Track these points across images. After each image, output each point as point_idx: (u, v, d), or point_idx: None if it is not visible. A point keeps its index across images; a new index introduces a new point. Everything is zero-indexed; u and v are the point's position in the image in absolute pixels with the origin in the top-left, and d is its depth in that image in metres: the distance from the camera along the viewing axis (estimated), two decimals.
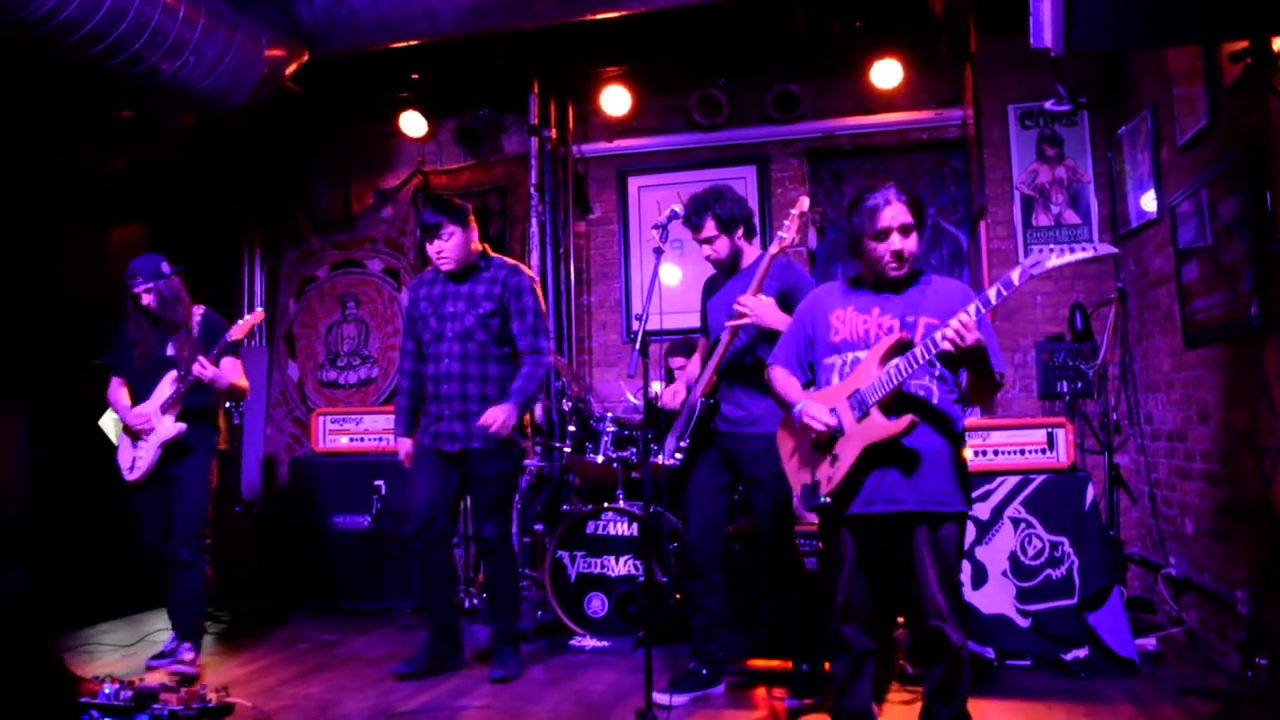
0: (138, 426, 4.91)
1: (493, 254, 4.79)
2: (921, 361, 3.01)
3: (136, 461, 4.95)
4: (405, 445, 4.78)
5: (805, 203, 3.98)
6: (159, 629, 5.70)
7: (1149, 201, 5.33)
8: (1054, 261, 2.86)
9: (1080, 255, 2.88)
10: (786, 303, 4.09)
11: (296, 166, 7.83)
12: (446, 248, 4.57)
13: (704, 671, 4.28)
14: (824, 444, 3.21)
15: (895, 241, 3.18)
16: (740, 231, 4.26)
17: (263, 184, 7.71)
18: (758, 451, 4.10)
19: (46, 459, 7.15)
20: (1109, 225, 6.02)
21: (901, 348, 3.05)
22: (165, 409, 4.91)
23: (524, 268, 4.76)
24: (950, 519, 3.12)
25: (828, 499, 3.18)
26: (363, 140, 7.77)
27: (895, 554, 3.16)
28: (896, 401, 3.08)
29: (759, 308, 3.93)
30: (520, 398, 4.53)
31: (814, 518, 5.77)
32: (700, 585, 4.32)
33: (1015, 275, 2.89)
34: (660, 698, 4.08)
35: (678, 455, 4.23)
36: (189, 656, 4.87)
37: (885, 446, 3.08)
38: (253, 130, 7.01)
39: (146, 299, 4.93)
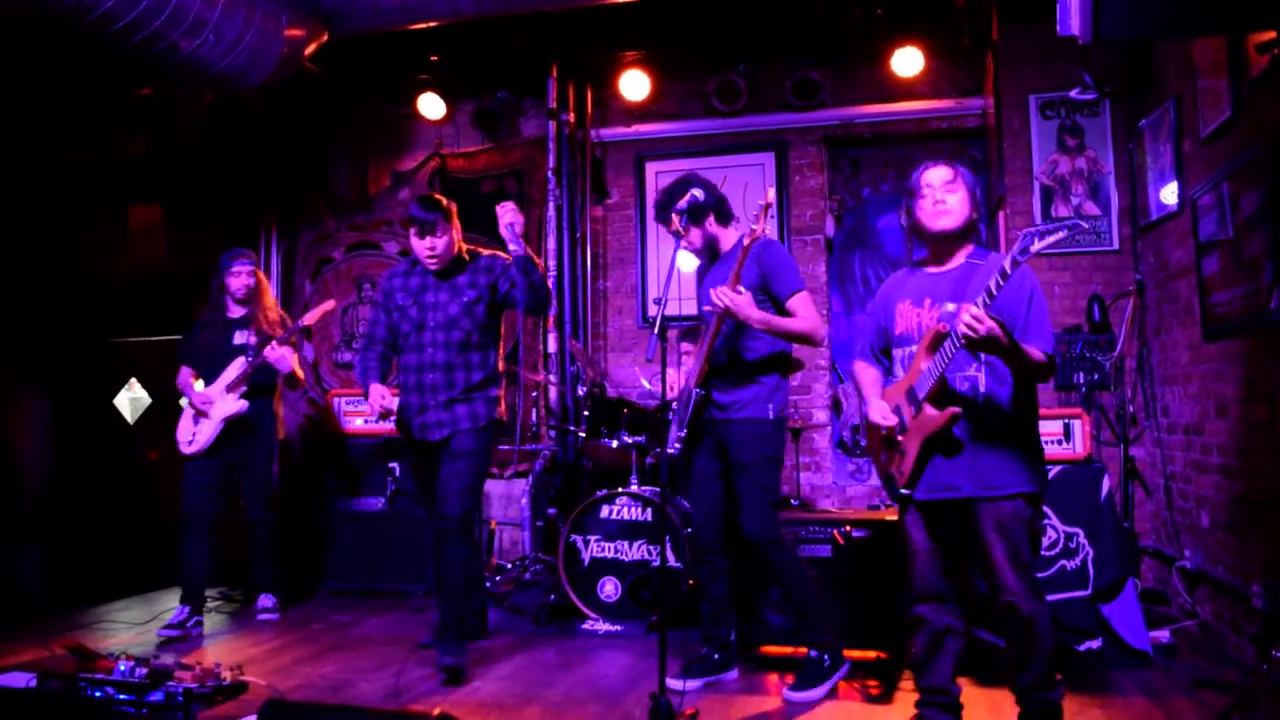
0: (200, 405, 5.39)
1: (480, 250, 4.77)
2: (951, 355, 3.07)
3: (196, 436, 5.41)
4: (378, 389, 4.55)
5: (771, 194, 4.03)
6: (171, 607, 5.74)
7: (1169, 194, 5.30)
8: (1038, 246, 2.83)
9: (1059, 235, 2.84)
10: (769, 286, 4.10)
11: (314, 148, 7.83)
12: (440, 244, 4.54)
13: (715, 656, 4.30)
14: (892, 440, 3.34)
15: (936, 193, 3.32)
16: (710, 219, 4.25)
17: (280, 165, 7.71)
18: (742, 437, 4.12)
19: (64, 439, 7.20)
20: (1129, 217, 5.99)
21: (939, 340, 3.12)
22: (230, 389, 5.38)
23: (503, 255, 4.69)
24: (1011, 499, 3.18)
25: (905, 490, 3.31)
26: (381, 122, 7.76)
27: (964, 536, 3.28)
28: (944, 393, 3.18)
29: (734, 302, 3.93)
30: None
31: (827, 505, 5.78)
32: (706, 571, 4.34)
33: (1006, 264, 2.89)
34: (673, 683, 4.09)
35: (678, 444, 4.24)
36: (270, 603, 5.55)
37: (940, 436, 3.20)
38: (271, 111, 7.02)
39: (244, 280, 5.50)
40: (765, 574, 4.30)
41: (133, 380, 8.05)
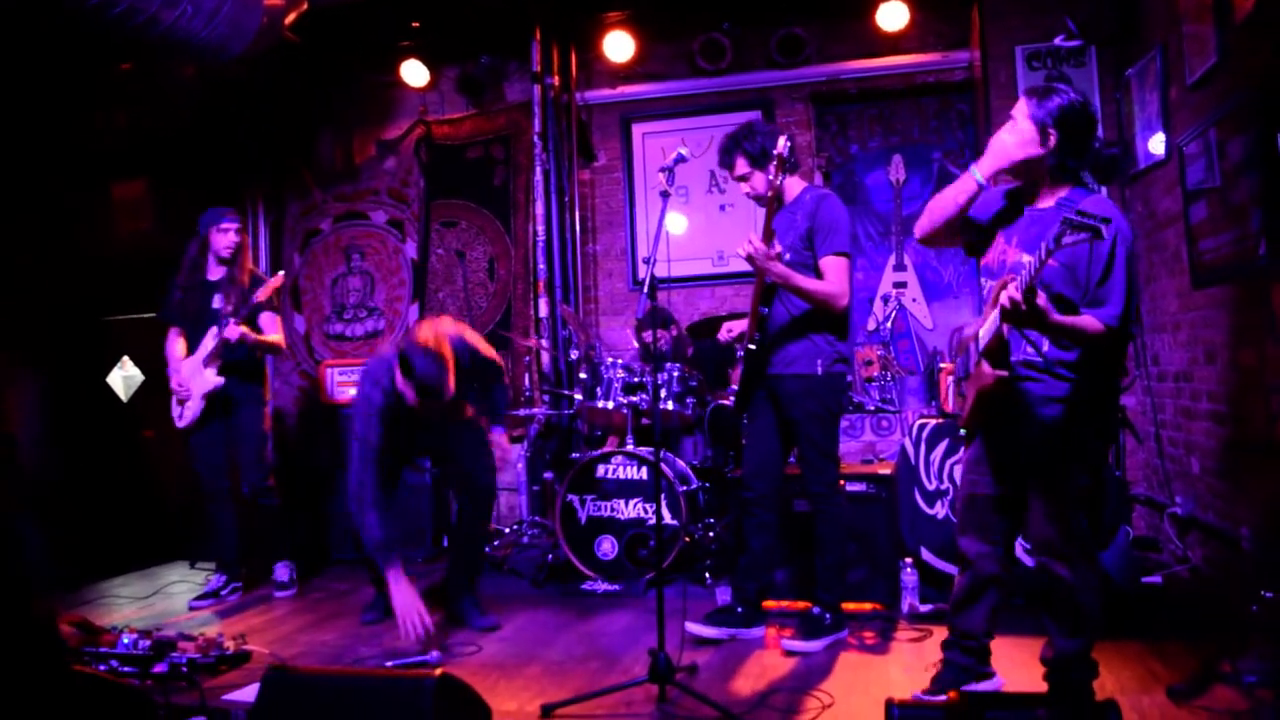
0: (177, 394, 5.44)
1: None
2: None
3: (184, 413, 5.45)
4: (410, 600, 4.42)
5: (784, 143, 3.94)
6: (174, 580, 5.79)
7: (1157, 143, 5.30)
8: (1069, 239, 2.58)
9: (1083, 235, 2.56)
10: (813, 239, 4.09)
11: (298, 119, 7.78)
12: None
13: (740, 610, 4.34)
14: (959, 379, 3.37)
15: (1011, 121, 3.15)
16: (774, 165, 4.07)
17: (264, 137, 7.66)
18: (793, 392, 4.14)
19: (57, 418, 7.19)
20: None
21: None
22: (207, 362, 5.36)
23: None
24: (1061, 461, 3.09)
25: (963, 431, 3.34)
26: (364, 91, 7.71)
27: (1017, 491, 3.24)
28: (1003, 350, 3.02)
29: (756, 251, 3.93)
30: None
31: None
32: (752, 524, 4.36)
33: (1042, 252, 2.66)
34: (693, 627, 4.16)
35: (729, 396, 4.29)
36: (286, 576, 5.56)
37: (992, 395, 3.07)
38: (254, 83, 6.96)
39: (231, 238, 5.46)
40: (812, 524, 4.30)
41: (125, 358, 8.03)
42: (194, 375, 5.38)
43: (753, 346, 4.17)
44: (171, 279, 5.58)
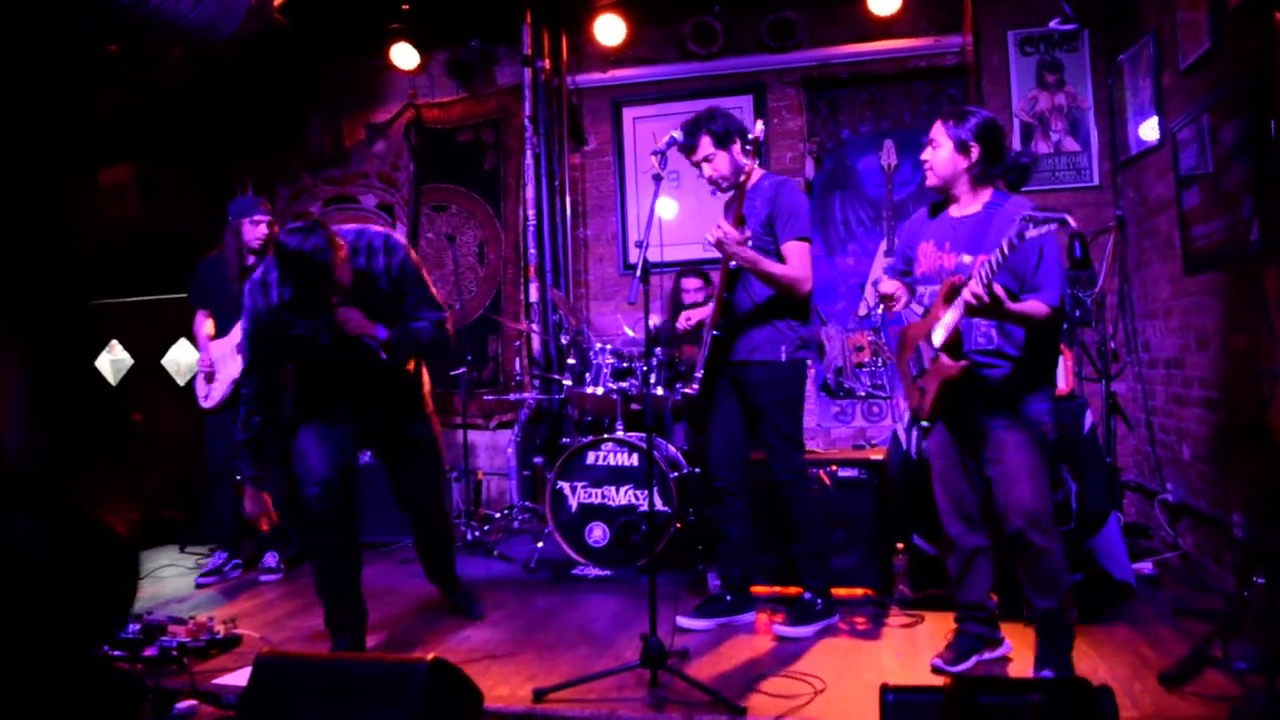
0: (203, 370, 5.47)
1: None
2: (961, 312, 3.25)
3: (210, 394, 5.50)
4: None
5: (760, 127, 3.95)
6: (164, 564, 5.78)
7: (1149, 129, 5.29)
8: (1032, 233, 2.93)
9: (1050, 227, 2.93)
10: (773, 225, 4.08)
11: (287, 102, 7.71)
12: None
13: (729, 598, 4.33)
14: (914, 376, 3.61)
15: (924, 153, 3.60)
16: (738, 145, 4.15)
17: (253, 121, 7.60)
18: (758, 380, 4.12)
19: (44, 404, 7.15)
20: (1109, 153, 5.99)
21: (955, 291, 3.27)
22: (240, 349, 5.18)
23: None
24: (1027, 427, 3.41)
25: (925, 423, 3.59)
26: (353, 74, 7.66)
27: (982, 461, 3.52)
28: (958, 343, 3.39)
29: (724, 236, 3.90)
30: None
31: (812, 447, 5.80)
32: (724, 512, 4.36)
33: (1004, 246, 3.02)
34: (684, 621, 4.15)
35: (695, 385, 4.27)
36: (274, 562, 5.54)
37: (956, 382, 3.40)
38: (242, 66, 6.90)
39: (262, 231, 5.39)
40: (781, 512, 4.29)
41: (113, 342, 7.99)
42: (225, 360, 5.44)
43: (716, 333, 4.15)
44: (201, 263, 5.60)
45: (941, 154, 3.54)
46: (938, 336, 3.38)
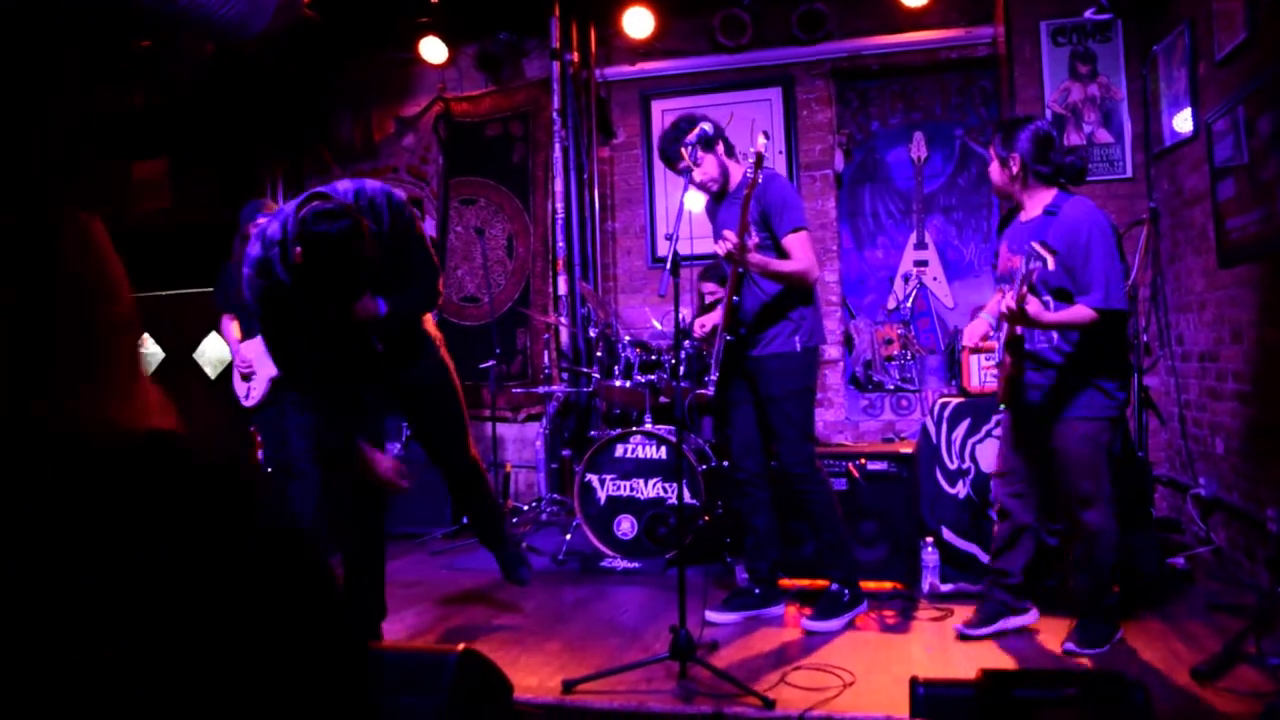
0: (242, 369, 5.59)
1: None
2: (1003, 320, 3.70)
3: (250, 392, 5.63)
4: None
5: (762, 142, 3.84)
6: None
7: (1183, 121, 5.23)
8: (1036, 264, 3.36)
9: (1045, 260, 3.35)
10: (769, 222, 4.07)
11: (317, 97, 7.77)
12: None
13: (757, 591, 4.33)
14: (996, 364, 3.99)
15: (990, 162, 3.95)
16: (721, 147, 4.19)
17: (284, 115, 7.66)
18: (771, 371, 4.14)
19: None
20: (1142, 144, 5.92)
21: None
22: None
23: None
24: (1081, 421, 3.67)
25: (1002, 406, 3.93)
26: (383, 68, 7.69)
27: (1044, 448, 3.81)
28: (1017, 341, 3.73)
29: (733, 248, 3.88)
30: None
31: (841, 440, 5.80)
32: (747, 504, 4.37)
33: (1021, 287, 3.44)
34: (712, 615, 4.16)
35: (712, 386, 4.27)
36: None
37: (1012, 376, 3.77)
38: (273, 60, 6.95)
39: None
40: (797, 505, 4.32)
41: (145, 335, 8.06)
42: (261, 359, 5.52)
43: (730, 338, 4.15)
44: (222, 269, 5.71)
45: (992, 169, 3.89)
46: (1002, 335, 3.79)
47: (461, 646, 2.72)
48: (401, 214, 3.68)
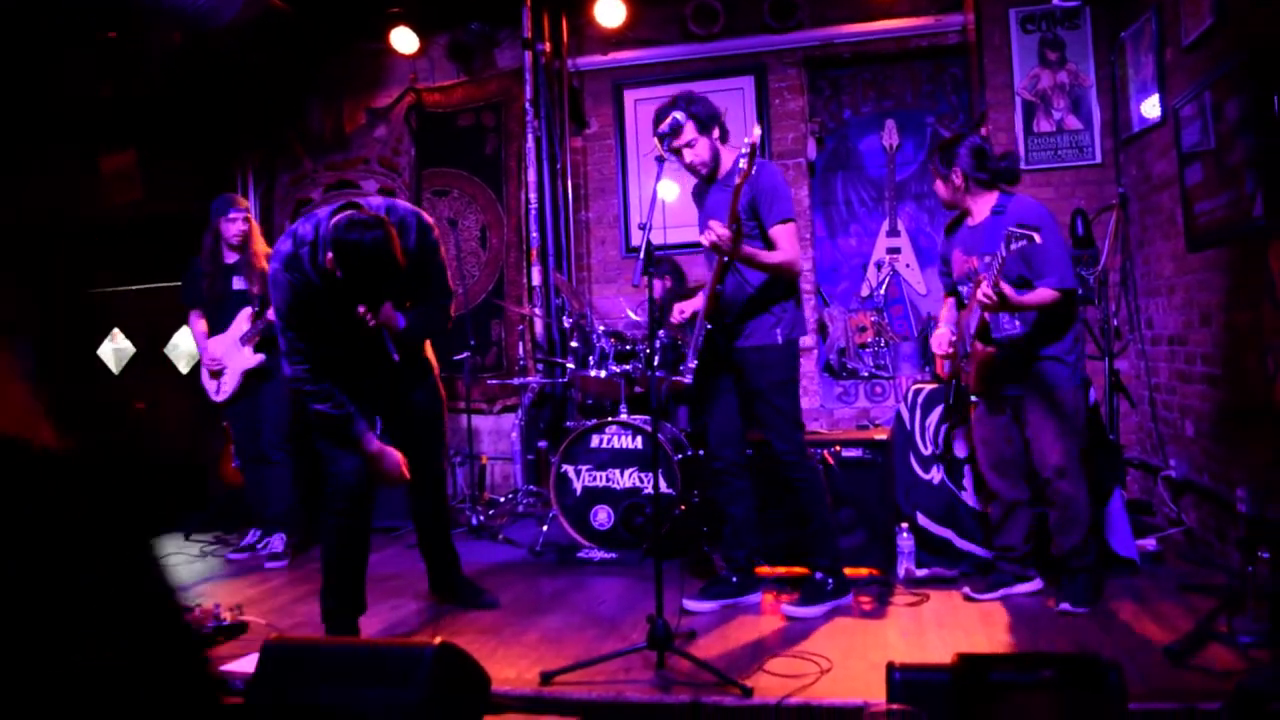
0: (210, 367, 5.62)
1: None
2: (979, 310, 3.93)
3: (221, 387, 5.65)
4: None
5: (756, 133, 3.83)
6: (171, 552, 5.79)
7: (1151, 106, 5.27)
8: (1017, 245, 3.63)
9: (1022, 244, 3.63)
10: (757, 210, 4.06)
11: (288, 88, 7.69)
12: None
13: (734, 579, 4.34)
14: (958, 357, 4.27)
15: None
16: (716, 132, 4.18)
17: (254, 106, 7.59)
18: (755, 363, 4.13)
19: (49, 391, 7.16)
20: (1111, 130, 5.97)
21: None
22: (245, 341, 5.55)
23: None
24: (1048, 391, 4.04)
25: (974, 398, 4.24)
26: (353, 59, 7.63)
27: (1018, 426, 4.20)
28: (988, 330, 4.03)
29: (720, 238, 3.85)
30: None
31: (815, 427, 5.82)
32: (724, 493, 4.37)
33: (1002, 256, 3.71)
34: (689, 603, 4.16)
35: (689, 375, 4.24)
36: (280, 547, 5.58)
37: (989, 363, 4.05)
38: (242, 51, 6.88)
39: (239, 227, 5.60)
40: (788, 492, 4.31)
41: (115, 330, 8.00)
42: (230, 353, 5.58)
43: (710, 326, 4.12)
44: (190, 265, 5.74)
45: (938, 186, 4.30)
46: (969, 326, 4.05)
47: (438, 640, 2.72)
48: (428, 236, 3.88)
